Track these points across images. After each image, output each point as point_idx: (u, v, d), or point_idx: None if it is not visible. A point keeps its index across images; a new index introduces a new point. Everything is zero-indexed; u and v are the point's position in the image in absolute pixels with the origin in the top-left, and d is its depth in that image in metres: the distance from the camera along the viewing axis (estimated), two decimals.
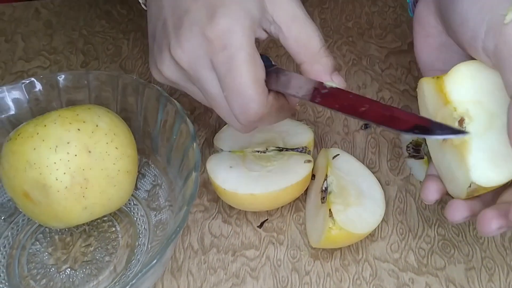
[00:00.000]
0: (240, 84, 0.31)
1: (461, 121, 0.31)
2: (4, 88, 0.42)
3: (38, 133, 0.36)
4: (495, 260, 0.39)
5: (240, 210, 0.43)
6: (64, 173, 0.35)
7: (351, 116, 0.30)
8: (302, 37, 0.34)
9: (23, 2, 0.63)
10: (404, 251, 0.40)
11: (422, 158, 0.45)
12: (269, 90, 0.33)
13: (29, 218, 0.42)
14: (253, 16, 0.32)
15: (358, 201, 0.39)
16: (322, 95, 0.32)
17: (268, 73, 0.33)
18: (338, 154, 0.43)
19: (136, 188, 0.43)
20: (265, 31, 0.34)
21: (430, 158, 0.37)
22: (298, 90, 0.32)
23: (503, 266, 0.39)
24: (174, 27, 0.33)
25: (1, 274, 0.39)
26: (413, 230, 0.41)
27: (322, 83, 0.33)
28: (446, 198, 0.43)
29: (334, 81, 0.34)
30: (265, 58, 0.34)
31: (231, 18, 0.31)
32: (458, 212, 0.33)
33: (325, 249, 0.40)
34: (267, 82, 0.33)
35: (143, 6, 0.39)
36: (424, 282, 0.38)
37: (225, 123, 0.49)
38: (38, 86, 0.43)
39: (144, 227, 0.41)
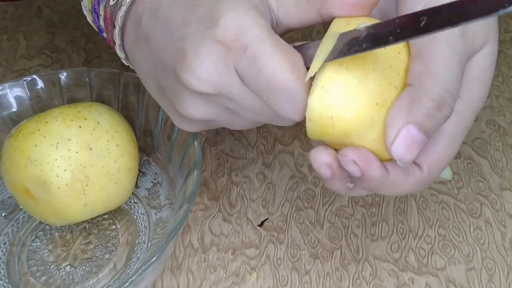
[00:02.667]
0: (278, 80, 0.26)
1: None
2: (6, 85, 0.42)
3: (39, 130, 0.36)
4: (496, 261, 0.39)
5: (240, 209, 0.43)
6: (65, 170, 0.35)
7: (417, 37, 0.22)
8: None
9: (26, 0, 0.63)
10: (404, 251, 0.40)
11: None
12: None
13: (29, 215, 0.42)
14: (253, 2, 0.28)
15: None
16: (364, 40, 0.24)
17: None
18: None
19: (136, 186, 0.43)
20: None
21: None
22: (332, 55, 0.25)
23: (503, 266, 0.38)
24: (177, 61, 0.28)
25: (1, 271, 0.39)
26: (414, 230, 0.41)
27: (353, 32, 0.25)
28: (446, 198, 0.43)
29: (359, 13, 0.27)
30: None
31: (237, 14, 0.27)
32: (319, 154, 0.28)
33: (325, 249, 0.40)
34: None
35: (123, 61, 0.35)
36: (424, 282, 0.38)
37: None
38: (40, 84, 0.43)
39: (144, 225, 0.41)
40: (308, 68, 0.26)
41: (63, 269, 0.39)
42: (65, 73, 0.43)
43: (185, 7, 0.29)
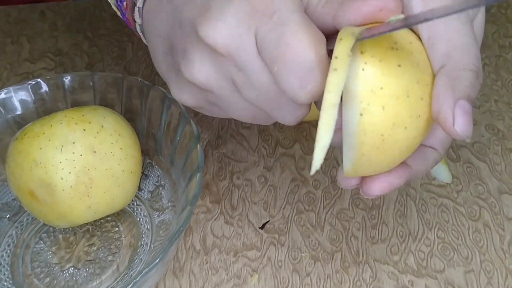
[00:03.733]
0: (297, 51, 0.25)
1: None
2: (11, 88, 0.42)
3: (44, 133, 0.36)
4: (494, 264, 0.39)
5: (242, 211, 0.43)
6: (69, 173, 0.36)
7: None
8: None
9: (29, 4, 0.64)
10: (404, 254, 0.40)
11: None
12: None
13: (33, 217, 0.42)
14: None
15: None
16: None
17: None
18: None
19: (139, 188, 0.43)
20: None
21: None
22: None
23: (501, 269, 0.39)
24: (199, 15, 0.27)
25: (5, 272, 0.39)
26: (413, 233, 0.41)
27: (382, 25, 0.24)
28: (446, 201, 0.43)
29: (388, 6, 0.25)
30: None
31: None
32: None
33: (326, 251, 0.40)
34: None
35: (142, 38, 0.35)
36: (424, 284, 0.38)
37: (228, 125, 0.50)
38: (44, 87, 0.43)
39: (147, 228, 0.42)
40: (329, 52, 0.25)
41: (66, 271, 0.39)
42: (69, 77, 0.43)
43: None
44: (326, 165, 0.46)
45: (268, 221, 0.42)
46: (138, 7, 0.33)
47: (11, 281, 0.39)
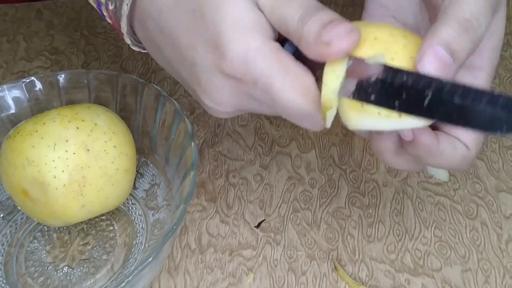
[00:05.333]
0: (293, 108, 0.27)
1: None
2: (5, 86, 0.42)
3: (37, 131, 0.36)
4: (491, 262, 0.39)
5: (237, 210, 0.43)
6: (63, 171, 0.36)
7: (418, 117, 0.24)
8: (280, 18, 0.27)
9: (25, 2, 0.64)
10: (400, 252, 0.40)
11: None
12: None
13: (27, 216, 0.42)
14: (252, 20, 0.27)
15: None
16: (372, 90, 0.25)
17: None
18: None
19: (134, 187, 0.43)
20: None
21: None
22: (344, 91, 0.26)
23: (499, 268, 0.39)
24: (194, 84, 0.30)
25: None
26: (410, 231, 0.41)
27: (360, 67, 0.25)
28: (443, 199, 0.43)
29: (347, 43, 0.25)
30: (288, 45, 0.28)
31: (240, 47, 0.26)
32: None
33: (322, 250, 0.40)
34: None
35: (132, 47, 0.35)
36: (420, 283, 0.38)
37: (224, 123, 0.49)
38: (38, 85, 0.43)
39: (142, 226, 0.41)
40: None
41: (60, 270, 0.39)
42: (63, 75, 0.43)
43: (188, 26, 0.29)
44: (322, 164, 0.46)
45: (264, 220, 0.42)
46: (125, 27, 0.33)
47: (4, 281, 0.38)
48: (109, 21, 0.34)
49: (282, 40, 0.28)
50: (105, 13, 0.34)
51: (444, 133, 0.29)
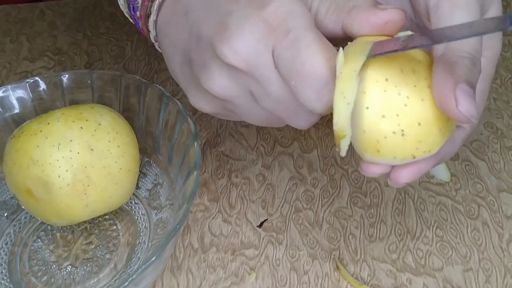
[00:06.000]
0: (312, 66, 0.27)
1: None
2: (9, 87, 0.42)
3: (41, 131, 0.36)
4: (493, 262, 0.39)
5: (240, 210, 0.43)
6: (67, 171, 0.36)
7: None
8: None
9: (29, 3, 0.64)
10: (402, 252, 0.40)
11: None
12: None
13: (31, 216, 0.42)
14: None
15: None
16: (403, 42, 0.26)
17: None
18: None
19: (137, 187, 0.43)
20: None
21: None
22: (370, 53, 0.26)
23: (500, 267, 0.39)
24: (216, 34, 0.29)
25: (3, 271, 0.39)
26: (411, 231, 0.41)
27: (392, 40, 0.26)
28: (444, 199, 0.43)
29: (392, 19, 0.27)
30: None
31: (288, 1, 0.28)
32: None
33: (323, 249, 0.40)
34: None
35: (156, 47, 0.36)
36: (422, 282, 0.38)
37: (226, 123, 0.50)
38: (42, 85, 0.43)
39: (145, 226, 0.41)
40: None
41: (64, 269, 0.39)
42: (67, 75, 0.43)
43: None
44: (324, 164, 0.46)
45: (266, 219, 0.42)
46: (152, 20, 0.34)
47: (8, 279, 0.39)
48: (137, 21, 0.35)
49: None
50: (137, 14, 0.35)
51: None
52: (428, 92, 0.26)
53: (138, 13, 0.35)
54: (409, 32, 0.26)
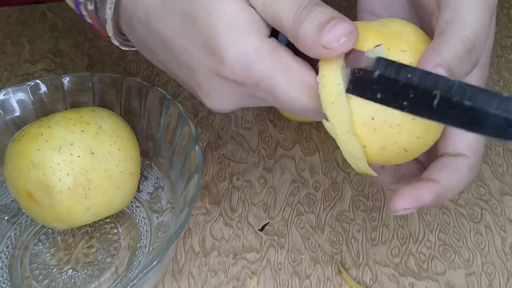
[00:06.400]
0: (297, 107, 0.27)
1: None
2: (9, 89, 0.42)
3: (42, 134, 0.36)
4: (495, 266, 0.39)
5: (241, 213, 0.43)
6: (67, 174, 0.36)
7: (427, 118, 0.23)
8: (273, 16, 0.26)
9: (30, 5, 0.64)
10: (404, 256, 0.40)
11: None
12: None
13: (32, 219, 0.42)
14: (246, 20, 0.26)
15: None
16: (377, 86, 0.24)
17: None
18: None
19: (138, 190, 0.43)
20: None
21: None
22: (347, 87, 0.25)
23: (503, 271, 0.39)
24: (196, 88, 0.29)
25: (4, 274, 0.39)
26: (414, 234, 0.41)
27: (357, 62, 0.25)
28: (447, 203, 0.43)
29: (341, 36, 0.24)
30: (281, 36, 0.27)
31: (237, 51, 0.26)
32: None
33: (325, 253, 0.40)
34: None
35: (120, 47, 0.35)
36: (424, 287, 0.38)
37: (228, 126, 0.49)
38: (43, 88, 0.43)
39: (146, 229, 0.41)
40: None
41: (65, 273, 0.39)
42: (68, 78, 0.43)
43: (180, 30, 0.28)
44: (326, 167, 0.46)
45: (268, 223, 0.42)
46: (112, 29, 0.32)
47: (9, 283, 0.38)
48: (89, 20, 0.33)
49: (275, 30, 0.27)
50: (84, 13, 0.32)
51: (443, 157, 0.28)
52: None
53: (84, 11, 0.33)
54: (378, 53, 0.25)
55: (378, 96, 0.24)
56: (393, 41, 0.26)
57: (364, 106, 0.25)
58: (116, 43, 0.33)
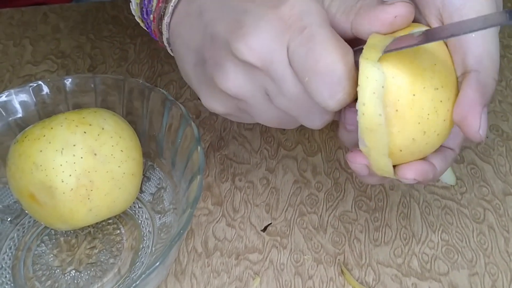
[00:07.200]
0: (326, 63, 0.27)
1: None
2: (12, 91, 0.42)
3: (44, 136, 0.36)
4: (499, 266, 0.39)
5: (244, 213, 0.43)
6: (70, 175, 0.36)
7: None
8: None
9: (32, 6, 0.64)
10: (407, 256, 0.40)
11: None
12: None
13: (35, 220, 0.42)
14: None
15: None
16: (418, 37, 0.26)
17: None
18: None
19: (141, 191, 0.43)
20: None
21: None
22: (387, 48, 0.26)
23: (506, 272, 0.38)
24: (232, 31, 0.29)
25: (7, 275, 0.39)
26: (417, 235, 0.41)
27: (407, 35, 0.27)
28: (450, 203, 0.43)
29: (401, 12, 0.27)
30: None
31: (303, 0, 0.28)
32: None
33: (328, 254, 0.40)
34: None
35: (168, 50, 0.37)
36: (427, 287, 0.38)
37: (230, 127, 0.49)
38: (45, 89, 0.43)
39: (149, 230, 0.41)
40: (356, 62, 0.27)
41: (68, 274, 0.39)
42: (70, 79, 0.43)
43: None
44: (329, 167, 0.46)
45: (270, 223, 0.42)
46: (166, 22, 0.34)
47: (12, 284, 0.38)
48: (150, 24, 0.36)
49: None
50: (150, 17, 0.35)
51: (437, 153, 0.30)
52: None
53: (151, 15, 0.35)
54: (423, 28, 0.27)
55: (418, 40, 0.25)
56: (427, 77, 0.26)
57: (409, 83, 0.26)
58: (166, 45, 0.35)
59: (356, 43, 0.28)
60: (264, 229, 0.42)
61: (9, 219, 0.42)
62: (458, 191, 0.44)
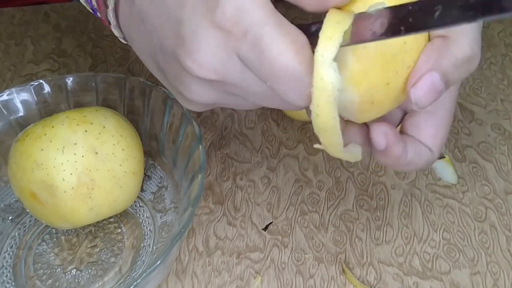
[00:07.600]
0: (282, 65, 0.24)
1: None
2: (13, 90, 0.42)
3: (45, 134, 0.36)
4: (500, 265, 0.39)
5: (245, 212, 0.43)
6: (71, 174, 0.36)
7: (429, 30, 0.22)
8: None
9: (33, 5, 0.64)
10: (409, 255, 0.40)
11: (443, 157, 0.45)
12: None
13: (36, 219, 0.42)
14: None
15: None
16: (374, 27, 0.23)
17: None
18: None
19: (142, 189, 0.43)
20: None
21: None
22: (345, 40, 0.24)
23: (508, 271, 0.38)
24: (177, 46, 0.27)
25: (8, 274, 0.39)
26: (418, 234, 0.41)
27: (363, 14, 0.24)
28: (451, 202, 0.43)
29: None
30: None
31: None
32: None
33: (329, 252, 0.40)
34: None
35: (121, 40, 0.35)
36: (429, 286, 0.38)
37: (231, 126, 0.49)
38: (47, 88, 0.43)
39: (150, 229, 0.41)
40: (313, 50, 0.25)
41: (69, 273, 0.39)
42: (71, 78, 0.43)
43: None
44: (330, 166, 0.46)
45: (271, 222, 0.42)
46: (112, 8, 0.33)
47: (13, 283, 0.38)
48: (98, 15, 0.33)
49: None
50: (94, 3, 0.33)
51: (410, 139, 0.29)
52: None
53: (94, 2, 0.34)
54: (381, 6, 0.23)
55: (377, 34, 0.23)
56: (399, 61, 0.26)
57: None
58: (116, 33, 0.33)
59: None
60: (265, 228, 0.42)
61: (10, 218, 0.42)
62: (459, 189, 0.44)
